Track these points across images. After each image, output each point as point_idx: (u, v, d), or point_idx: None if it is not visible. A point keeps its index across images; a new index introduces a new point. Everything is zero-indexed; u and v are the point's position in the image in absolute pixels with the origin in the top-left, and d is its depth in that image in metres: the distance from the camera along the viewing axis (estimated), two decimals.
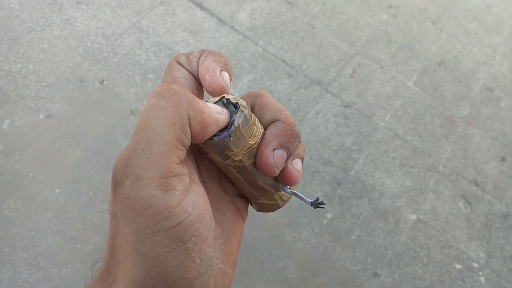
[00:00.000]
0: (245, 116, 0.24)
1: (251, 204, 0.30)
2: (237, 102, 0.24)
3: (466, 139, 1.55)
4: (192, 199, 0.21)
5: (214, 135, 0.23)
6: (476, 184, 1.44)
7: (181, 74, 0.25)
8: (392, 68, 1.69)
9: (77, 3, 1.70)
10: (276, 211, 0.45)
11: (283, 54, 1.66)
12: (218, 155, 0.24)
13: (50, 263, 1.17)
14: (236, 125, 0.23)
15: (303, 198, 0.28)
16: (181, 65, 0.26)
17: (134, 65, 1.57)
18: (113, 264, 0.21)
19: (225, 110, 0.24)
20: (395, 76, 1.67)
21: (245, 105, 0.24)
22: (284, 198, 0.29)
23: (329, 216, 1.32)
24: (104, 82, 1.53)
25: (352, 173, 1.41)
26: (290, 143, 0.25)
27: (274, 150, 0.24)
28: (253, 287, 1.19)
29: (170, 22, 1.68)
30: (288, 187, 0.28)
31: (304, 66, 1.64)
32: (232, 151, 0.24)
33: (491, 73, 1.76)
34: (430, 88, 1.66)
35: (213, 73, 0.24)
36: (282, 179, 0.26)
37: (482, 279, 1.24)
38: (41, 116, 1.45)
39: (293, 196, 0.29)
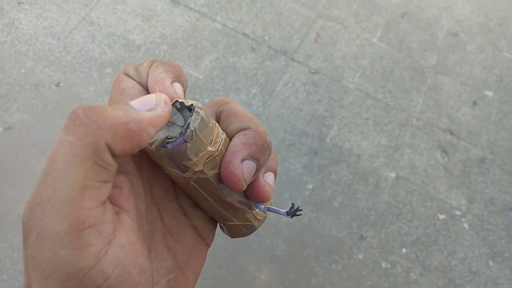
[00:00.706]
0: (202, 118, 0.20)
1: (221, 229, 0.24)
2: (192, 104, 0.20)
3: (436, 88, 1.48)
4: (115, 254, 0.16)
5: (167, 142, 0.19)
6: (451, 133, 1.38)
7: (130, 85, 0.22)
8: (355, 26, 1.58)
9: (19, 3, 1.53)
10: None
11: (243, 27, 1.53)
12: (175, 167, 0.20)
13: None
14: (192, 128, 0.19)
15: (278, 211, 0.23)
16: (129, 76, 0.22)
17: (89, 61, 1.43)
18: None
19: (160, 97, 0.19)
20: (359, 34, 1.56)
21: (201, 106, 0.20)
22: (258, 217, 0.24)
23: (310, 186, 1.25)
24: (61, 84, 1.39)
25: (327, 140, 1.33)
26: (260, 154, 0.21)
27: (242, 160, 0.20)
28: (245, 269, 1.13)
29: (121, 10, 1.53)
30: (262, 203, 0.23)
31: (266, 37, 1.52)
32: (191, 160, 0.19)
33: (455, 17, 1.67)
34: (396, 42, 1.57)
35: (163, 85, 0.20)
36: (252, 195, 0.22)
37: (465, 225, 1.21)
38: (0, 129, 1.32)
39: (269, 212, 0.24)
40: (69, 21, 1.50)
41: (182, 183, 0.21)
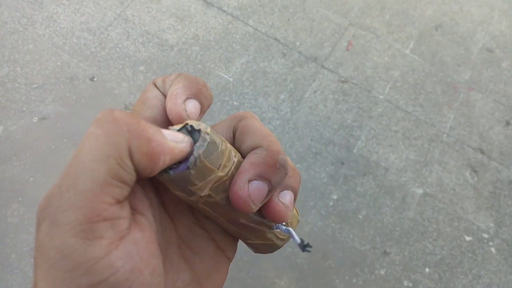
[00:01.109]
0: (208, 144, 0.19)
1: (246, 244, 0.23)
2: (200, 129, 0.19)
3: (468, 105, 1.41)
4: (126, 250, 0.15)
5: (170, 168, 0.18)
6: (482, 152, 1.31)
7: (154, 95, 0.21)
8: (388, 36, 1.52)
9: None
10: None
11: (275, 32, 1.49)
12: (180, 191, 0.19)
13: None
14: (196, 155, 0.18)
15: (294, 238, 0.21)
16: (156, 87, 0.22)
17: (123, 58, 1.42)
18: None
19: (187, 138, 0.19)
20: (391, 45, 1.51)
21: (209, 132, 0.19)
22: (281, 236, 0.22)
23: (335, 197, 1.21)
24: (95, 79, 1.39)
25: (355, 150, 1.28)
26: (271, 173, 0.19)
27: (250, 181, 0.19)
28: (264, 275, 1.10)
29: (156, 9, 1.51)
30: (284, 223, 0.21)
31: (297, 43, 1.48)
32: (196, 185, 0.18)
33: (490, 32, 1.59)
34: (429, 54, 1.50)
35: (174, 101, 0.20)
36: (266, 215, 0.20)
37: (493, 249, 1.15)
38: (35, 119, 1.33)
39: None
40: (105, 17, 1.50)
41: (191, 204, 0.20)
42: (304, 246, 0.20)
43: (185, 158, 0.18)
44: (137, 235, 0.16)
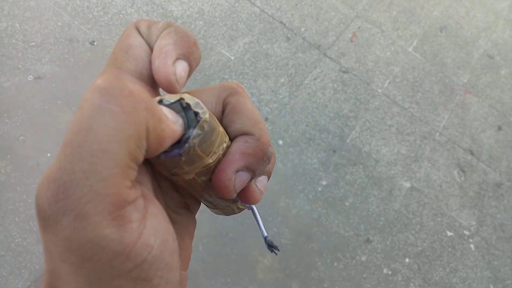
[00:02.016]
0: (205, 133, 0.18)
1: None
2: (198, 113, 0.18)
3: (464, 107, 1.46)
4: (153, 226, 0.16)
5: (164, 151, 0.18)
6: (472, 153, 1.37)
7: (138, 43, 0.19)
8: (392, 32, 1.56)
9: None
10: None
11: (281, 15, 1.52)
12: (165, 171, 0.19)
13: None
14: (191, 144, 0.18)
15: (259, 225, 0.22)
16: (139, 33, 0.20)
17: (126, 24, 1.43)
18: None
19: (180, 120, 0.18)
20: (395, 41, 1.55)
21: (208, 119, 0.18)
22: (241, 206, 0.23)
23: (324, 183, 1.25)
24: (95, 43, 1.40)
25: (348, 140, 1.33)
26: (258, 166, 0.19)
27: (237, 171, 0.19)
28: (249, 252, 1.14)
29: None
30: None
31: (303, 29, 1.51)
32: (183, 169, 0.18)
33: (493, 39, 1.64)
34: (430, 54, 1.55)
35: (164, 60, 0.18)
36: (241, 197, 0.21)
37: (472, 246, 1.21)
38: (30, 77, 1.34)
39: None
40: None
41: (171, 179, 0.20)
42: (271, 244, 0.22)
43: (176, 146, 0.18)
44: (152, 209, 0.17)
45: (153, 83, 0.20)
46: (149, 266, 0.15)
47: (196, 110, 0.18)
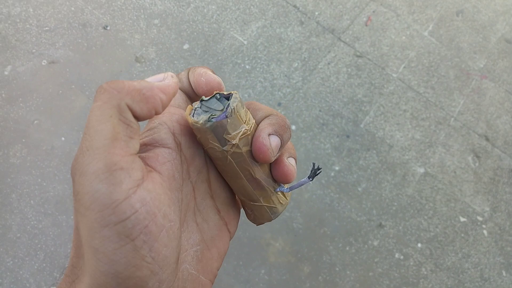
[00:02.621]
0: (239, 101, 0.24)
1: (248, 216, 0.27)
2: (230, 93, 0.24)
3: (480, 92, 1.43)
4: (142, 195, 0.19)
5: (212, 118, 0.23)
6: (487, 139, 1.35)
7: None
8: (408, 16, 1.53)
9: None
10: None
11: None
12: (217, 141, 0.23)
13: (58, 210, 1.13)
14: (232, 106, 0.23)
15: (300, 183, 0.27)
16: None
17: (139, 9, 1.43)
18: (77, 259, 0.20)
19: (167, 74, 0.23)
20: (410, 25, 1.52)
21: (237, 94, 0.24)
22: (281, 201, 0.27)
23: (337, 168, 1.25)
24: (108, 28, 1.40)
25: (362, 125, 1.32)
26: (283, 131, 0.24)
27: (269, 135, 0.24)
28: (261, 236, 1.15)
29: None
30: (284, 185, 0.26)
31: (316, 13, 1.48)
32: (230, 134, 0.23)
33: (511, 23, 1.60)
34: (446, 39, 1.52)
35: (206, 75, 0.25)
36: (278, 174, 0.25)
37: (485, 232, 1.20)
38: (44, 62, 1.34)
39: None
40: None
41: (220, 158, 0.24)
42: (313, 173, 0.26)
43: (222, 112, 0.23)
44: (150, 185, 0.20)
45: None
46: (132, 225, 0.19)
47: (227, 93, 0.24)
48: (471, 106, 1.40)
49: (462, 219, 1.21)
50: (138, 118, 0.21)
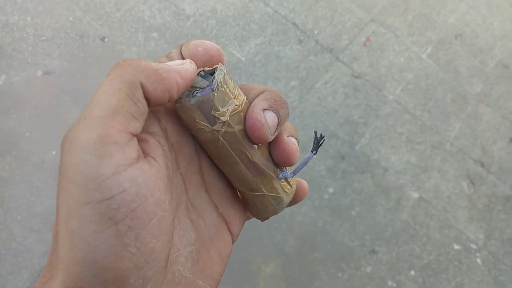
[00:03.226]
0: (225, 73, 0.21)
1: (250, 212, 0.24)
2: (215, 67, 0.22)
3: (476, 117, 1.42)
4: (134, 174, 0.17)
5: (197, 92, 0.21)
6: (482, 165, 1.33)
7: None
8: (407, 38, 1.52)
9: None
10: None
11: (295, 16, 1.48)
12: (205, 119, 0.20)
13: (45, 226, 1.10)
14: (217, 79, 0.21)
15: (303, 161, 0.23)
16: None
17: (137, 22, 1.41)
18: (55, 256, 0.18)
19: (186, 60, 0.21)
20: (409, 47, 1.50)
21: (223, 66, 0.22)
22: (286, 190, 0.23)
23: (331, 190, 1.23)
24: (105, 39, 1.37)
25: (357, 147, 1.30)
26: (279, 106, 0.22)
27: (264, 110, 0.21)
28: (251, 260, 1.12)
29: None
30: (286, 170, 0.23)
31: (316, 31, 1.47)
32: (218, 110, 0.20)
33: (509, 48, 1.59)
34: (444, 62, 1.51)
35: (204, 44, 0.22)
36: (279, 153, 0.22)
37: (478, 260, 1.18)
38: (39, 72, 1.32)
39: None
40: None
41: (211, 141, 0.21)
42: (317, 145, 0.22)
43: (207, 86, 0.21)
44: (145, 166, 0.18)
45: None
46: (117, 206, 0.16)
47: (212, 69, 0.22)
48: (467, 131, 1.38)
49: (456, 247, 1.19)
50: (150, 100, 0.19)
